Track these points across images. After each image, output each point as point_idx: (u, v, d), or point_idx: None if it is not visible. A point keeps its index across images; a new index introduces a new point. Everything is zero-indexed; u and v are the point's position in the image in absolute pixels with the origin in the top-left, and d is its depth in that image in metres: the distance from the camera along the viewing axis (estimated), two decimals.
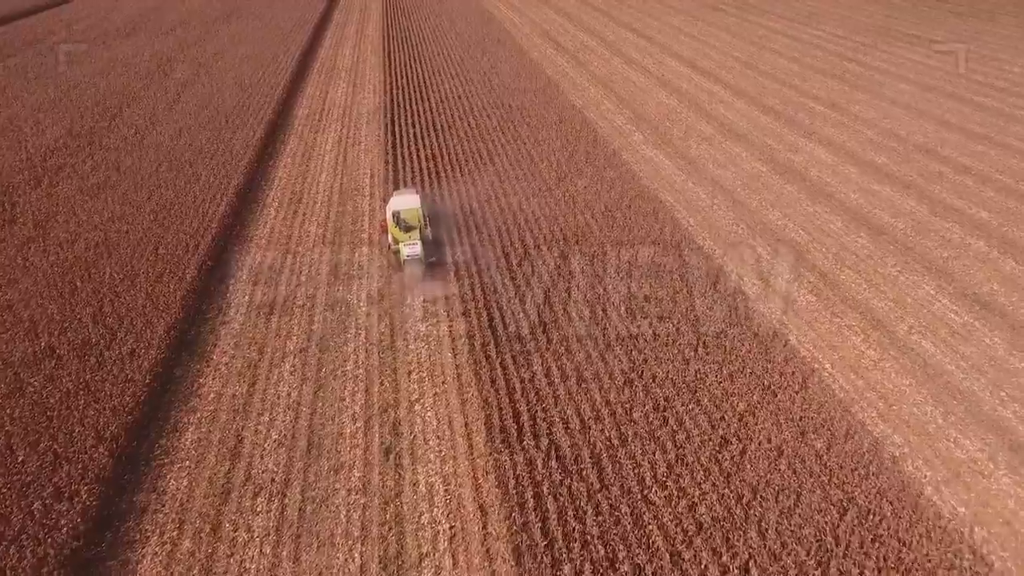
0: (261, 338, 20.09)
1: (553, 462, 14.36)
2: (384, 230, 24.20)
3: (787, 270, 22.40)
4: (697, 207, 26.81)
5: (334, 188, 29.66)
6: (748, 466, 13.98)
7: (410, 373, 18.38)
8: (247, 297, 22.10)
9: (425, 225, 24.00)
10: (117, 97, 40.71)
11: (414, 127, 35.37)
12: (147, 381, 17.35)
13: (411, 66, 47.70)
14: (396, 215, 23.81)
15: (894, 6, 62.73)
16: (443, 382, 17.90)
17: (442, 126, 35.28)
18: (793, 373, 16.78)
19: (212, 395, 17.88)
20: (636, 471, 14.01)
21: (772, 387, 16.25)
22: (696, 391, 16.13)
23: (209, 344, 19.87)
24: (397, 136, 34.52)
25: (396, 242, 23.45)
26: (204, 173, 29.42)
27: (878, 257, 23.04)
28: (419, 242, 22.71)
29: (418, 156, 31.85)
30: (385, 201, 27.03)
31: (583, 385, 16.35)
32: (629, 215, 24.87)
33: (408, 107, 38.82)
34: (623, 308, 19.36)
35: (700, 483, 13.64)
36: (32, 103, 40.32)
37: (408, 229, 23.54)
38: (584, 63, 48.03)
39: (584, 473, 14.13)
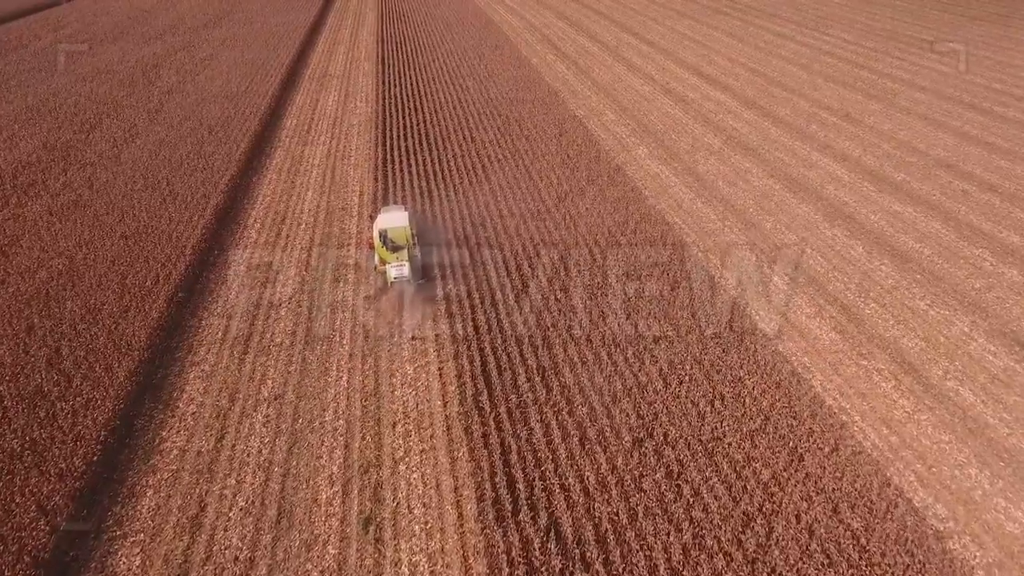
0: (233, 382, 18.35)
1: (552, 544, 12.60)
2: (371, 248, 22.61)
3: (807, 304, 20.64)
4: (707, 230, 25.05)
5: (320, 207, 27.90)
6: (776, 551, 12.23)
7: (395, 425, 16.63)
8: (220, 333, 20.35)
9: (414, 244, 22.35)
10: (98, 107, 38.95)
11: (406, 140, 33.60)
12: (101, 438, 15.60)
13: (405, 73, 45.94)
14: (383, 234, 22.20)
15: (903, 10, 60.93)
16: (431, 436, 16.15)
17: (436, 139, 33.53)
18: (822, 432, 15.03)
19: (175, 451, 16.13)
20: (647, 556, 12.26)
21: (799, 449, 14.49)
22: (713, 454, 14.38)
23: (176, 389, 18.12)
24: (388, 149, 32.77)
25: (383, 262, 21.85)
26: (182, 191, 27.66)
27: (904, 288, 21.29)
28: (406, 263, 21.21)
29: (410, 172, 30.10)
30: (372, 219, 25.42)
31: (587, 446, 14.59)
32: (635, 242, 23.11)
33: (401, 118, 37.06)
34: (630, 351, 17.60)
35: (721, 573, 11.88)
36: (9, 112, 38.58)
37: (396, 249, 21.91)
38: (585, 70, 46.26)
39: (588, 557, 12.37)
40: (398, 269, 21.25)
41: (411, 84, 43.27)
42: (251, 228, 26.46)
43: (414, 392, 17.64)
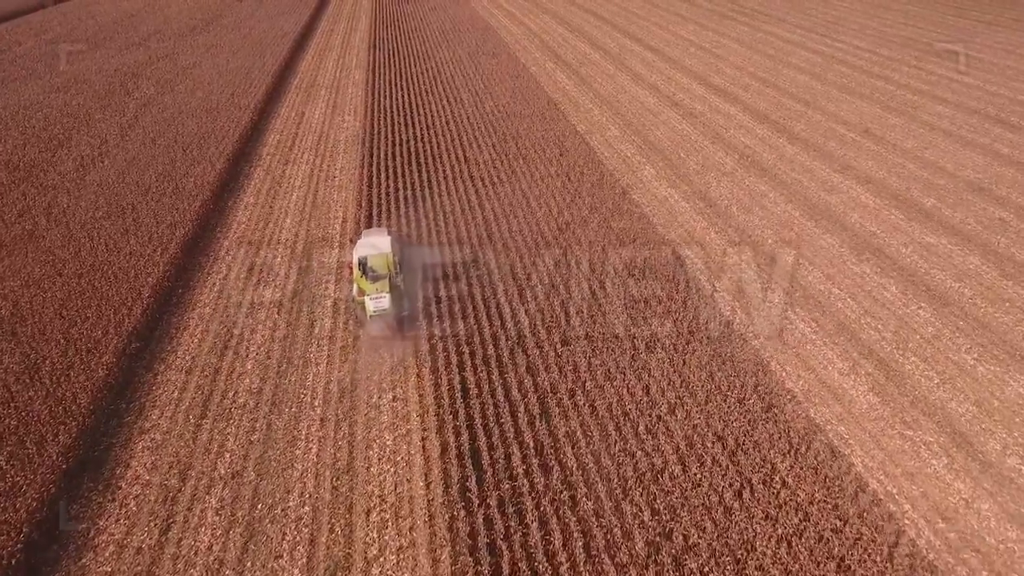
0: (187, 455, 16.01)
1: None
2: (351, 273, 20.62)
3: (839, 357, 18.31)
4: (723, 265, 22.72)
5: (299, 237, 25.56)
6: None
7: (369, 512, 14.30)
8: (177, 391, 18.02)
9: (396, 273, 20.32)
10: (68, 121, 36.61)
11: (395, 159, 31.24)
12: (23, 535, 13.26)
13: (397, 83, 43.58)
14: (363, 262, 20.28)
15: (916, 15, 58.57)
16: (411, 528, 13.83)
17: (426, 159, 31.18)
18: (872, 535, 12.68)
19: (112, 547, 13.80)
20: None
21: (847, 560, 12.15)
22: (744, 566, 12.04)
23: (120, 464, 15.78)
24: (375, 170, 30.42)
25: (362, 292, 19.75)
26: (147, 220, 25.33)
27: (947, 338, 18.96)
28: (387, 295, 19.27)
29: (396, 197, 27.75)
30: (353, 243, 23.27)
31: (592, 556, 12.25)
32: (644, 284, 20.74)
33: (390, 133, 34.72)
34: (642, 424, 15.26)
35: None
36: None
37: (376, 278, 19.86)
38: (587, 80, 43.91)
39: None
40: (377, 301, 19.32)
41: (403, 96, 40.92)
42: (222, 261, 24.11)
43: (393, 469, 15.31)
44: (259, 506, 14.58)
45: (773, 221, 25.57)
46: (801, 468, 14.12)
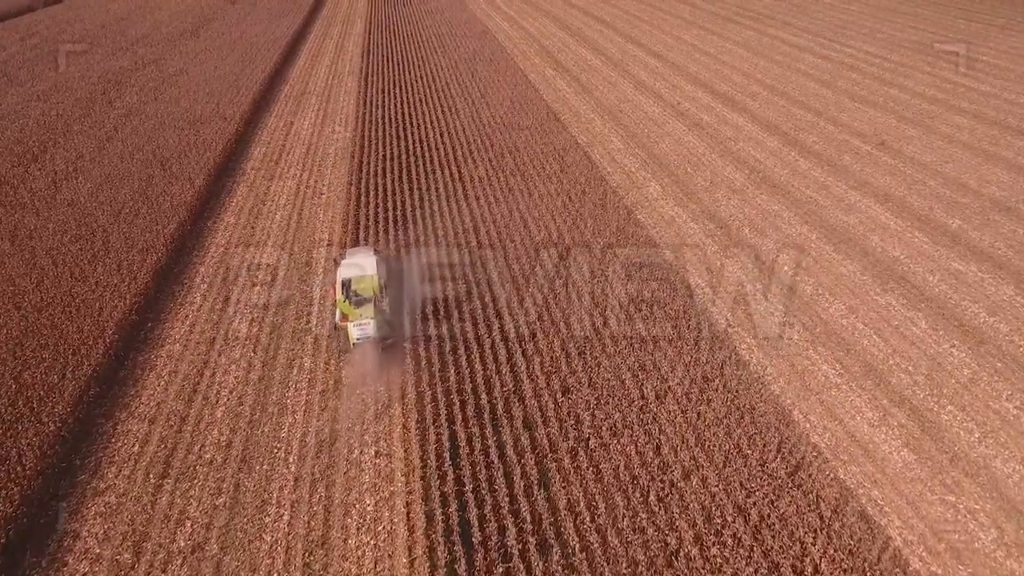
0: (143, 522, 14.33)
1: None
2: (334, 295, 19.25)
3: (868, 405, 16.63)
4: (737, 297, 21.02)
5: (280, 262, 23.86)
6: None
7: None
8: (138, 445, 16.33)
9: (382, 297, 18.88)
10: (45, 133, 34.91)
11: (385, 175, 29.54)
12: None
13: (390, 91, 41.87)
14: (346, 284, 18.87)
15: (926, 19, 56.84)
16: None
17: (419, 175, 29.48)
18: None
19: None
20: None
21: None
22: None
23: (68, 535, 14.09)
24: (364, 187, 28.71)
25: (345, 318, 18.34)
26: (118, 244, 23.64)
27: (985, 382, 17.26)
28: (372, 321, 17.99)
29: (385, 218, 26.05)
30: (337, 262, 21.69)
31: None
32: (652, 322, 19.03)
33: (382, 145, 33.01)
34: (652, 492, 13.57)
35: None
36: None
37: (360, 303, 18.46)
38: (588, 88, 42.22)
39: None
40: (361, 329, 18.02)
41: (396, 105, 39.20)
42: (196, 290, 22.41)
43: (373, 541, 13.62)
44: None
45: (789, 244, 23.87)
46: (835, 549, 12.42)
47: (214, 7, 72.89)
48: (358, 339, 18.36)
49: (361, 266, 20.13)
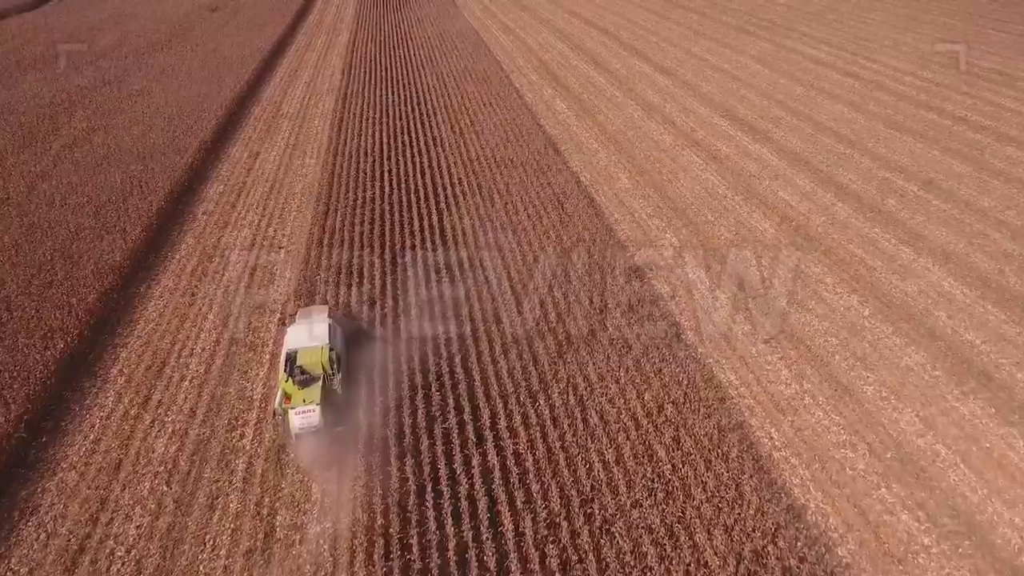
0: None
1: None
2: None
3: (959, 567, 12.42)
4: (780, 404, 16.75)
5: (220, 344, 19.58)
6: None
7: None
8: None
9: (333, 372, 15.59)
10: None
11: (353, 225, 25.23)
12: None
13: (370, 117, 37.57)
14: (291, 358, 15.68)
15: (953, 29, 52.57)
16: None
17: (392, 225, 25.12)
18: None
19: None
20: None
21: None
22: None
23: None
24: (328, 236, 24.43)
25: (288, 398, 14.96)
26: (15, 329, 19.32)
27: None
28: (317, 407, 14.60)
29: (348, 272, 21.75)
30: (286, 324, 17.89)
31: None
32: (678, 453, 14.73)
33: (354, 184, 28.71)
34: None
35: None
36: None
37: (306, 383, 15.19)
38: (591, 110, 37.98)
39: None
40: (304, 417, 14.63)
41: (374, 133, 34.88)
42: (110, 387, 18.13)
43: None
44: None
45: (837, 324, 19.63)
46: None
47: (192, 16, 68.68)
48: (300, 429, 14.75)
49: (311, 333, 16.45)
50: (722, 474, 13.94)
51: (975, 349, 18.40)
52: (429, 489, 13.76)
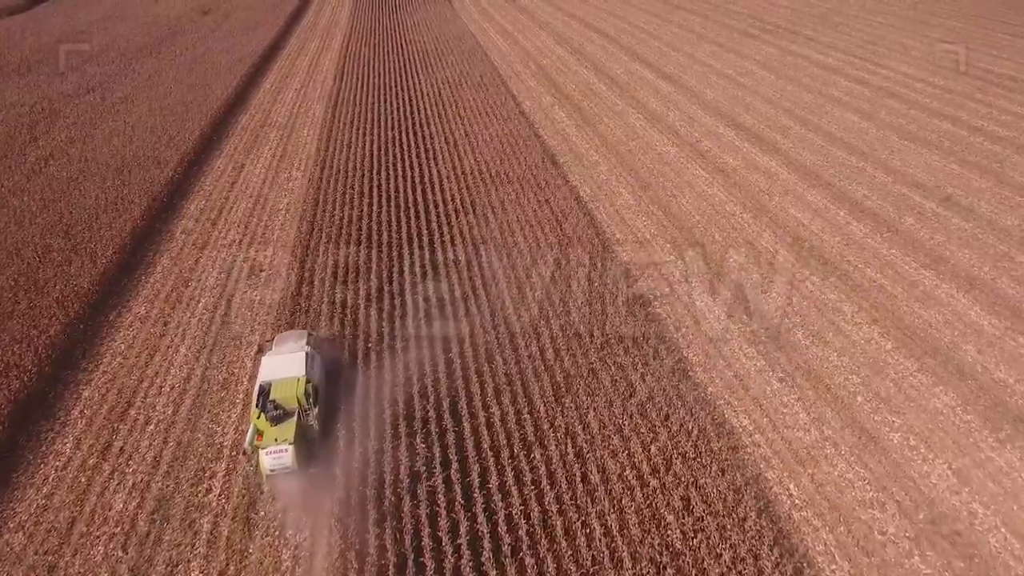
0: None
1: None
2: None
3: None
4: (799, 454, 15.29)
5: (190, 383, 18.12)
6: None
7: None
8: None
9: (309, 407, 14.42)
10: None
11: (338, 247, 23.76)
12: None
13: (360, 126, 36.09)
14: (263, 391, 14.52)
15: (962, 33, 51.05)
16: None
17: (379, 253, 23.55)
18: None
19: None
20: None
21: None
22: None
23: None
24: (310, 262, 22.96)
25: (260, 435, 13.82)
26: None
27: None
28: (290, 447, 13.43)
29: (331, 312, 20.25)
30: (263, 351, 16.52)
31: None
32: (688, 519, 13.26)
33: (340, 202, 27.22)
34: None
35: None
36: None
37: (279, 419, 14.03)
38: (591, 119, 36.52)
39: None
40: (276, 457, 13.48)
41: (364, 145, 33.40)
42: (69, 431, 16.68)
43: None
44: None
45: (858, 359, 18.16)
46: None
47: (184, 18, 67.15)
48: (271, 471, 13.56)
49: (286, 364, 15.09)
50: (738, 545, 12.47)
51: (1008, 389, 16.94)
52: (411, 563, 12.27)
